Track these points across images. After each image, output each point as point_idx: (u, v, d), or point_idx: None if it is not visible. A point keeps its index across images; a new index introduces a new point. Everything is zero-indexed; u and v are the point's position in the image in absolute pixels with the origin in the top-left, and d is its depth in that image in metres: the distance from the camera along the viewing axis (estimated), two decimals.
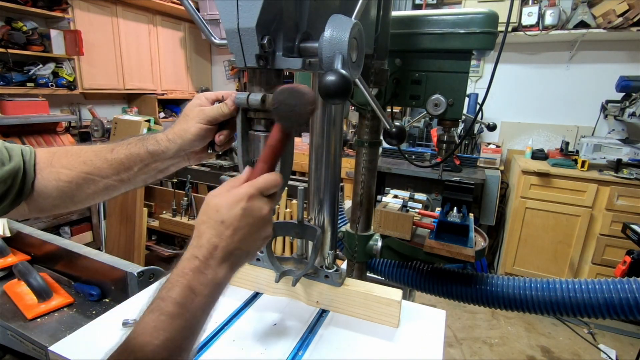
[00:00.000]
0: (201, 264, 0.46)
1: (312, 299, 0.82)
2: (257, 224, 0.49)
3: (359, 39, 0.51)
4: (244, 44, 0.51)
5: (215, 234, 0.47)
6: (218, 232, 0.47)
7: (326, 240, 0.85)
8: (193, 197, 2.97)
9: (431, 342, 0.73)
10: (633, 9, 2.66)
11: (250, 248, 0.50)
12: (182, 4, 0.69)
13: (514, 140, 3.58)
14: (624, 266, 1.83)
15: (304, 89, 0.47)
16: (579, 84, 3.28)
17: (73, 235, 3.22)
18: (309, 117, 0.48)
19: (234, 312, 0.80)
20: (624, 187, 2.63)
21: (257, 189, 0.49)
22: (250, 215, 0.48)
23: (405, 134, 0.74)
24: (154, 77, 4.06)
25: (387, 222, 0.98)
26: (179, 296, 0.44)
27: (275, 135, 0.51)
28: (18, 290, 1.04)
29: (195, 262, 0.46)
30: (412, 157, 3.23)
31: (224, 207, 0.47)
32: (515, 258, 3.07)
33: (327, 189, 0.82)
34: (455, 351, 2.38)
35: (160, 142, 0.63)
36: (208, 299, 0.46)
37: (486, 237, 1.00)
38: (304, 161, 3.24)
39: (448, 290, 0.96)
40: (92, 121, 3.37)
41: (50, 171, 0.62)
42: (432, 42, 0.84)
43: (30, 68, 2.99)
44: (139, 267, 1.00)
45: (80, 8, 3.22)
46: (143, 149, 0.63)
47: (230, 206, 0.47)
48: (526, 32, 3.02)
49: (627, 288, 0.78)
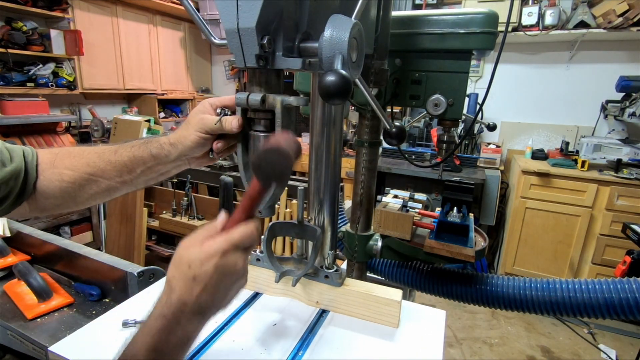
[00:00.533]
0: (169, 323, 0.45)
1: (312, 299, 0.82)
2: (230, 279, 0.47)
3: (359, 39, 0.51)
4: (244, 44, 0.51)
5: (186, 290, 0.45)
6: (189, 288, 0.45)
7: (326, 240, 0.85)
8: (193, 197, 2.98)
9: (431, 342, 0.73)
10: (633, 9, 2.66)
11: (222, 301, 0.49)
12: (182, 4, 0.69)
13: (514, 140, 3.58)
14: (624, 266, 1.83)
15: (285, 146, 0.46)
16: (579, 84, 3.28)
17: (73, 235, 3.22)
18: (290, 172, 0.48)
19: (234, 312, 0.80)
20: (624, 187, 2.63)
21: (232, 244, 0.47)
22: (223, 272, 0.46)
23: (405, 134, 0.74)
24: (154, 77, 4.06)
25: (387, 222, 0.98)
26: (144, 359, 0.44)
27: (255, 187, 0.49)
28: (18, 290, 1.04)
29: (162, 322, 0.45)
30: (412, 157, 3.23)
31: (195, 262, 0.45)
32: (515, 258, 3.08)
33: (327, 189, 0.82)
34: (455, 351, 2.38)
35: (164, 146, 0.64)
36: (176, 354, 0.46)
37: (486, 237, 1.00)
38: (304, 161, 3.23)
39: (448, 290, 0.96)
40: (92, 121, 3.37)
41: (52, 172, 0.63)
42: (432, 42, 0.84)
43: (30, 68, 3.00)
44: (139, 267, 1.00)
45: (80, 8, 3.22)
46: (147, 152, 0.64)
47: (202, 262, 0.45)
48: (526, 32, 3.02)
49: (627, 288, 0.78)
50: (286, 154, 0.46)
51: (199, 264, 0.45)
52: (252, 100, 0.55)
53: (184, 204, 2.93)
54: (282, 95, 0.55)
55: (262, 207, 0.62)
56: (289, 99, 0.56)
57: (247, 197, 0.51)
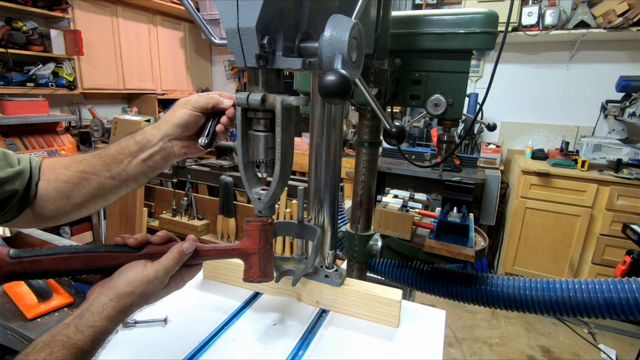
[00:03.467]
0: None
1: (312, 299, 0.82)
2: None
3: (359, 39, 0.51)
4: (244, 44, 0.51)
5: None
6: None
7: (326, 240, 0.85)
8: (193, 197, 2.98)
9: (431, 342, 0.73)
10: (633, 9, 2.66)
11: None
12: (182, 4, 0.69)
13: (514, 140, 3.58)
14: (624, 266, 1.83)
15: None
16: (579, 84, 3.28)
17: (73, 235, 3.22)
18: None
19: (234, 312, 0.80)
20: (624, 187, 2.63)
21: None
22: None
23: (405, 134, 0.74)
24: (154, 77, 4.06)
25: (387, 222, 0.98)
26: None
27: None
28: (18, 290, 1.04)
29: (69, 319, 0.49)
30: (412, 157, 3.23)
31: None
32: (515, 258, 3.08)
33: (327, 189, 0.82)
34: (455, 351, 2.38)
35: (146, 131, 0.65)
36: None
37: (486, 237, 1.00)
38: (304, 161, 3.24)
39: (448, 290, 0.96)
40: (92, 121, 3.37)
41: (51, 172, 0.64)
42: (432, 42, 0.84)
43: (30, 68, 3.00)
44: None
45: (80, 8, 3.22)
46: (131, 141, 0.65)
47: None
48: (526, 32, 3.02)
49: (627, 288, 0.78)
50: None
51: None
52: (252, 100, 0.55)
53: (184, 204, 2.93)
54: (282, 95, 0.55)
55: (262, 208, 0.62)
56: (289, 99, 0.56)
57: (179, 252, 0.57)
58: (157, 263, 0.54)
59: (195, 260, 0.59)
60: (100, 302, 0.50)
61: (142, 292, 0.52)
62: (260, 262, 0.62)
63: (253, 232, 0.63)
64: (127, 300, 0.51)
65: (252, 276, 0.62)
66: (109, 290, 0.52)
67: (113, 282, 0.53)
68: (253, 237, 0.62)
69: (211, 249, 0.61)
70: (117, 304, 0.51)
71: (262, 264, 0.62)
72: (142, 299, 0.53)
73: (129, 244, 0.56)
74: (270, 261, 0.64)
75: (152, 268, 0.53)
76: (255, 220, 0.63)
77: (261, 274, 0.62)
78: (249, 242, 0.62)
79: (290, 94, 0.58)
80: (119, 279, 0.53)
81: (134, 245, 0.56)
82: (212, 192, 3.28)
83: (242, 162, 0.61)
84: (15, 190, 0.60)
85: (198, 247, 0.59)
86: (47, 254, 0.51)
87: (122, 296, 0.51)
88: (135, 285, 0.52)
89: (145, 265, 0.54)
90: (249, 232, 0.63)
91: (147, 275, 0.53)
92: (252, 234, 0.63)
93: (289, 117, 0.58)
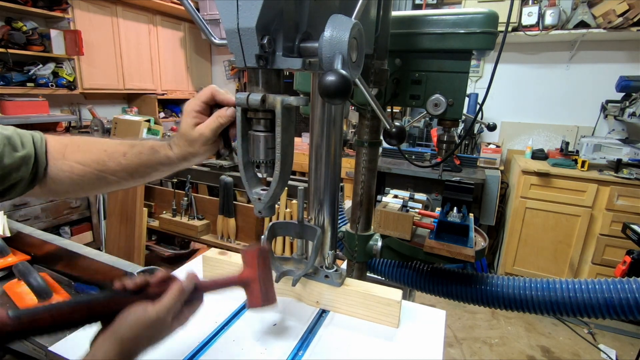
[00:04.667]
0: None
1: (312, 299, 0.82)
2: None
3: (359, 39, 0.51)
4: (244, 44, 0.51)
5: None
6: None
7: (326, 240, 0.85)
8: (193, 197, 2.97)
9: (431, 342, 0.73)
10: (633, 9, 2.66)
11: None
12: (182, 4, 0.69)
13: (514, 140, 3.58)
14: (624, 266, 1.83)
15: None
16: (579, 84, 3.28)
17: (73, 235, 3.21)
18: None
19: (234, 312, 0.80)
20: (624, 187, 2.63)
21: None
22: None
23: (405, 134, 0.74)
24: (154, 77, 4.06)
25: (387, 222, 0.98)
26: None
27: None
28: (18, 290, 1.04)
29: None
30: (412, 157, 3.23)
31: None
32: (515, 258, 3.08)
33: (327, 189, 0.82)
34: (455, 351, 2.38)
35: (170, 157, 0.66)
36: None
37: (486, 237, 1.00)
38: (304, 161, 3.23)
39: (448, 290, 0.96)
40: (92, 121, 3.37)
41: (63, 163, 0.66)
42: (432, 42, 0.84)
43: (30, 68, 3.00)
44: (139, 267, 1.00)
45: (80, 8, 3.22)
46: (155, 161, 0.67)
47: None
48: (526, 32, 3.02)
49: (627, 288, 0.78)
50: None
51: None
52: (252, 100, 0.55)
53: (184, 204, 2.93)
54: (282, 95, 0.55)
55: (262, 208, 0.62)
56: (289, 99, 0.56)
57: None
58: (158, 304, 0.53)
59: (196, 296, 0.59)
60: (103, 350, 0.49)
61: (146, 335, 0.52)
62: (262, 289, 0.63)
63: (251, 260, 0.64)
64: (131, 345, 0.50)
65: (255, 303, 0.64)
66: (112, 337, 0.50)
67: (115, 328, 0.51)
68: (251, 265, 0.64)
69: (211, 283, 0.62)
70: (121, 350, 0.49)
71: (264, 290, 0.64)
72: (145, 341, 0.52)
73: (128, 287, 0.55)
74: (271, 286, 0.66)
75: (153, 309, 0.52)
76: (252, 248, 0.65)
77: (264, 300, 0.64)
78: (248, 270, 0.64)
79: (290, 94, 0.58)
80: (120, 324, 0.51)
81: (133, 289, 0.55)
82: (212, 192, 3.28)
83: (242, 162, 0.61)
84: (20, 177, 0.62)
85: (197, 282, 0.59)
86: (46, 310, 0.49)
87: (126, 341, 0.50)
88: (137, 329, 0.51)
89: (146, 307, 0.52)
90: (247, 261, 0.65)
91: (149, 317, 0.52)
92: (249, 262, 0.64)
93: (289, 117, 0.58)
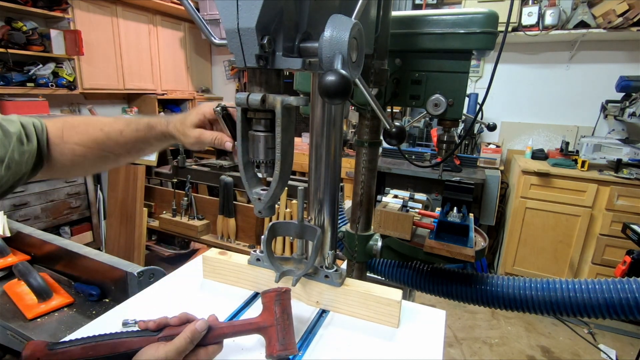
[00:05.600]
0: None
1: (312, 299, 0.82)
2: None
3: (359, 39, 0.51)
4: (244, 44, 0.51)
5: None
6: None
7: (326, 240, 0.85)
8: (193, 197, 2.98)
9: (431, 342, 0.73)
10: (633, 9, 2.66)
11: None
12: (182, 4, 0.69)
13: (514, 140, 3.58)
14: (624, 266, 1.83)
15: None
16: (579, 84, 3.28)
17: (73, 235, 3.22)
18: None
19: (234, 312, 0.80)
20: (624, 187, 2.63)
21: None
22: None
23: (405, 134, 0.74)
24: (154, 77, 4.06)
25: (387, 222, 0.98)
26: None
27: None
28: (18, 290, 1.04)
29: None
30: (412, 157, 3.23)
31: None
32: (515, 258, 3.08)
33: (327, 189, 0.82)
34: (455, 351, 2.38)
35: (165, 134, 0.75)
36: None
37: (486, 237, 1.00)
38: (304, 161, 3.24)
39: (448, 290, 0.96)
40: None
41: (64, 147, 0.72)
42: (432, 42, 0.84)
43: (30, 68, 2.99)
44: (139, 267, 1.00)
45: (80, 8, 3.22)
46: (150, 135, 0.75)
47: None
48: (526, 32, 3.02)
49: (627, 288, 0.78)
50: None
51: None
52: (252, 100, 0.55)
53: (184, 204, 2.93)
54: (282, 95, 0.55)
55: (262, 208, 0.62)
56: (289, 99, 0.56)
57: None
58: (170, 344, 0.54)
59: (212, 340, 0.59)
60: None
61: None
62: (279, 335, 0.60)
63: (268, 304, 0.62)
64: None
65: (272, 351, 0.60)
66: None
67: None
68: (269, 309, 0.62)
69: (227, 326, 0.60)
70: None
71: (281, 336, 0.60)
72: None
73: (149, 327, 0.57)
74: (289, 332, 0.62)
75: (163, 349, 0.53)
76: (270, 290, 0.63)
77: (281, 347, 0.60)
78: (265, 314, 0.62)
79: (290, 94, 0.58)
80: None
81: (153, 329, 0.57)
82: (212, 192, 3.28)
83: (242, 162, 0.61)
84: (28, 169, 0.67)
85: (213, 325, 0.59)
86: (78, 344, 0.53)
87: None
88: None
89: (157, 347, 0.54)
90: (265, 304, 0.63)
91: (158, 357, 0.53)
92: (267, 305, 0.62)
93: (289, 117, 0.58)
